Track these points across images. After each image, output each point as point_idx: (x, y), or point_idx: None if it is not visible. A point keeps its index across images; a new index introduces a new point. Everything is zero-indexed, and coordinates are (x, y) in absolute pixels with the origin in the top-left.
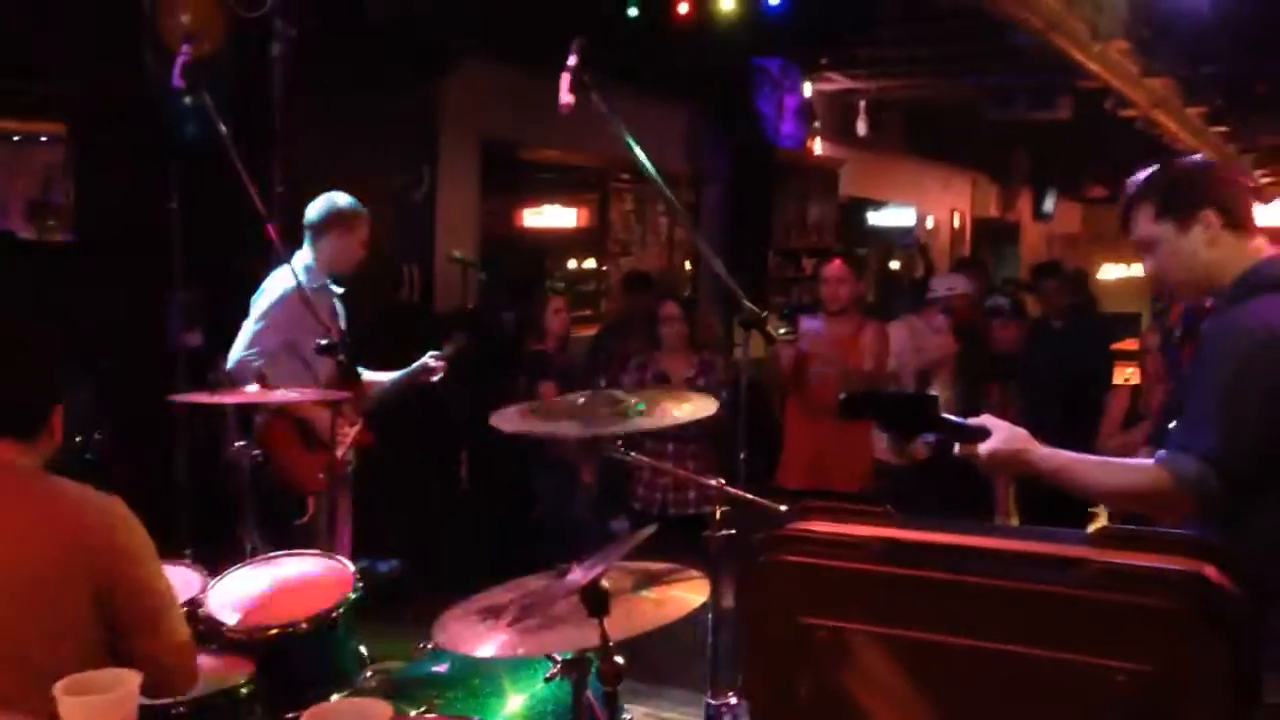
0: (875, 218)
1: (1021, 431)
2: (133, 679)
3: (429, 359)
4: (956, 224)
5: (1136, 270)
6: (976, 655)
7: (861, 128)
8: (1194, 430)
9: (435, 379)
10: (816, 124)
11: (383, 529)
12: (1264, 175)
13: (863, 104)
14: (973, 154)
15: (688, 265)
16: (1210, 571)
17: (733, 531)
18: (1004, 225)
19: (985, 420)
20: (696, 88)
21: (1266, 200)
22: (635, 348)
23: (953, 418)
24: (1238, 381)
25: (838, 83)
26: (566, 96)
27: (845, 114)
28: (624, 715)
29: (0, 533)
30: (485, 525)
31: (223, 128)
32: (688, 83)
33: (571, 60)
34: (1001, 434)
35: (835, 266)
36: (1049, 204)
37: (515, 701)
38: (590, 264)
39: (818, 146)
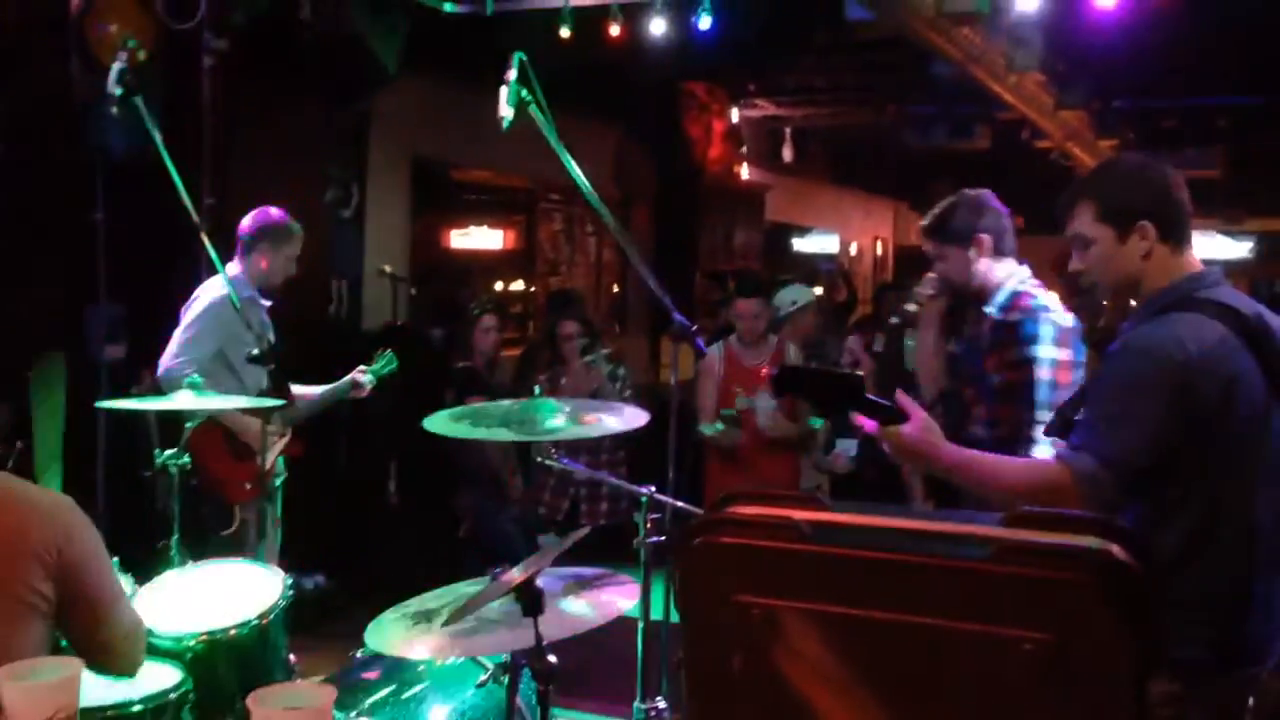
0: (800, 243)
1: (933, 423)
2: (76, 665)
3: (356, 374)
4: (879, 251)
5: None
6: (898, 628)
7: (787, 154)
8: (1096, 433)
9: (362, 394)
10: (743, 149)
11: (310, 544)
12: None
13: (788, 130)
14: (894, 182)
15: (615, 287)
16: (1114, 548)
17: (662, 538)
18: (926, 253)
19: (904, 403)
20: (626, 110)
21: None
22: (543, 367)
23: (875, 398)
24: (1145, 392)
25: (764, 109)
26: (504, 110)
27: (771, 140)
28: None
29: None
30: (413, 540)
31: (157, 135)
32: (617, 105)
33: (509, 74)
34: (917, 421)
35: (749, 304)
36: None
37: (445, 708)
38: (519, 284)
39: (744, 171)
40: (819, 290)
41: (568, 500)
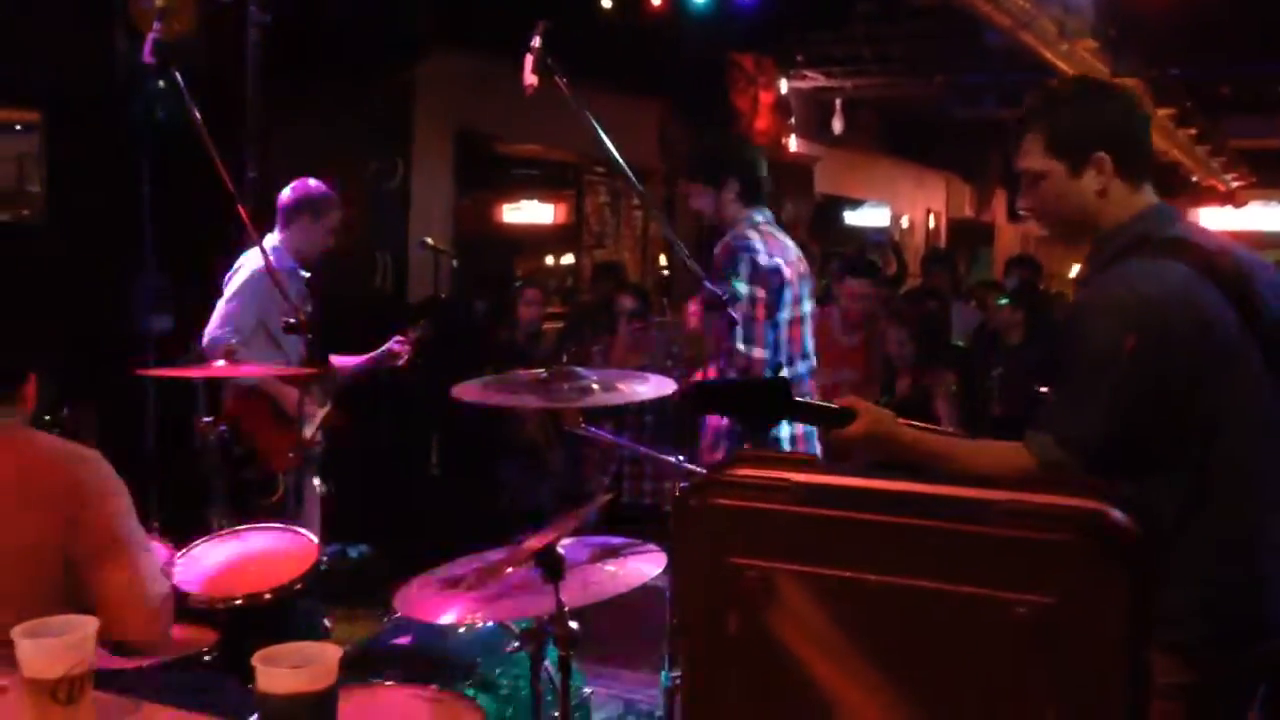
0: (850, 216)
1: (888, 413)
2: (90, 624)
3: (393, 344)
4: (932, 224)
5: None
6: (892, 591)
7: (837, 125)
8: (1058, 411)
9: (399, 363)
10: (791, 121)
11: (354, 514)
12: (1234, 179)
13: (838, 102)
14: (946, 154)
15: (662, 259)
16: (1111, 510)
17: None
18: (979, 225)
19: (850, 402)
20: (670, 82)
21: (1239, 204)
22: (600, 337)
23: (812, 400)
24: (1106, 359)
25: (813, 80)
26: (530, 78)
27: (820, 111)
28: (584, 690)
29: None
30: (455, 511)
31: (193, 108)
32: (661, 77)
33: (535, 42)
34: (870, 415)
35: (859, 284)
36: None
37: (476, 673)
38: (563, 257)
39: (793, 144)
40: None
41: (609, 475)
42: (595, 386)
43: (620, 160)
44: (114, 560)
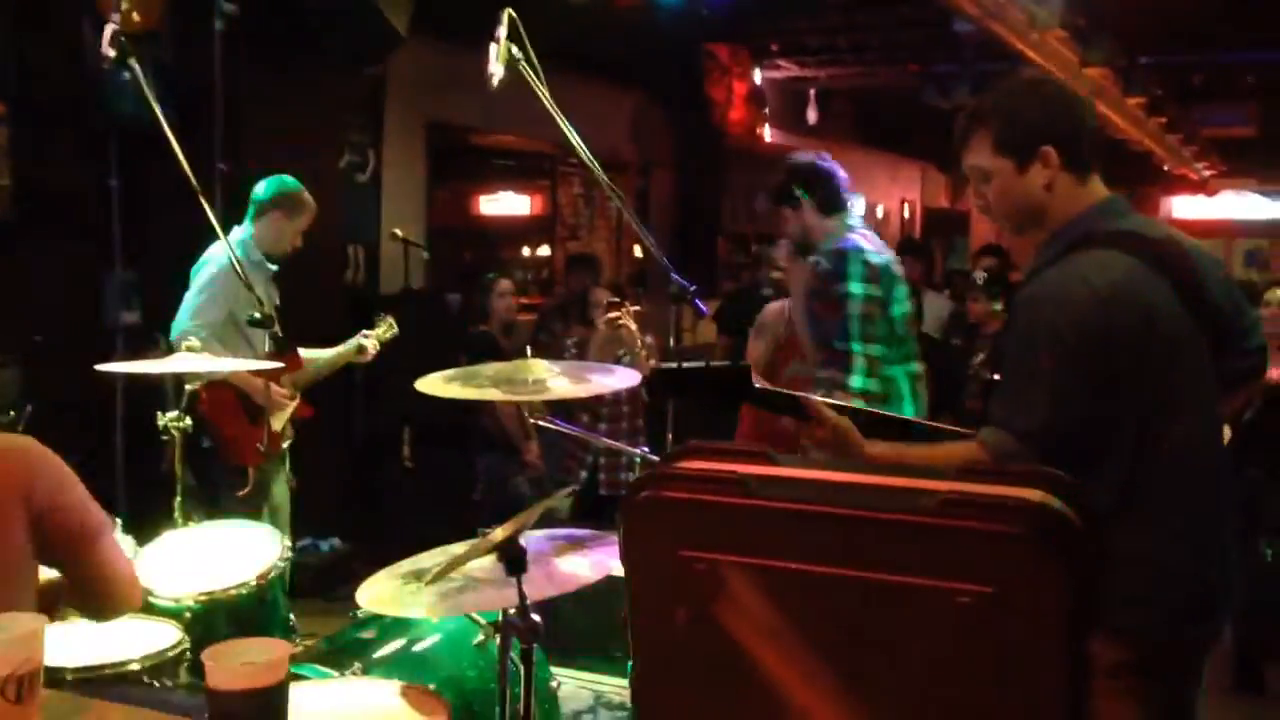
0: None
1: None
2: (37, 620)
3: (360, 339)
4: (907, 214)
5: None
6: (838, 582)
7: (811, 115)
8: (1007, 404)
9: (366, 358)
10: (766, 111)
11: (326, 507)
12: (1205, 167)
13: (812, 92)
14: (921, 144)
15: (636, 250)
16: (1052, 501)
17: None
18: (954, 215)
19: (810, 401)
20: (645, 73)
21: (1211, 193)
22: (574, 329)
23: (772, 387)
24: (1054, 350)
25: (787, 69)
26: (494, 67)
27: (795, 101)
28: (552, 682)
29: None
30: (429, 504)
31: (153, 100)
32: (636, 68)
33: (500, 31)
34: (832, 415)
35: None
36: None
37: (442, 666)
38: (538, 249)
39: (767, 134)
40: None
41: (585, 467)
42: (560, 379)
43: (584, 150)
44: (93, 541)
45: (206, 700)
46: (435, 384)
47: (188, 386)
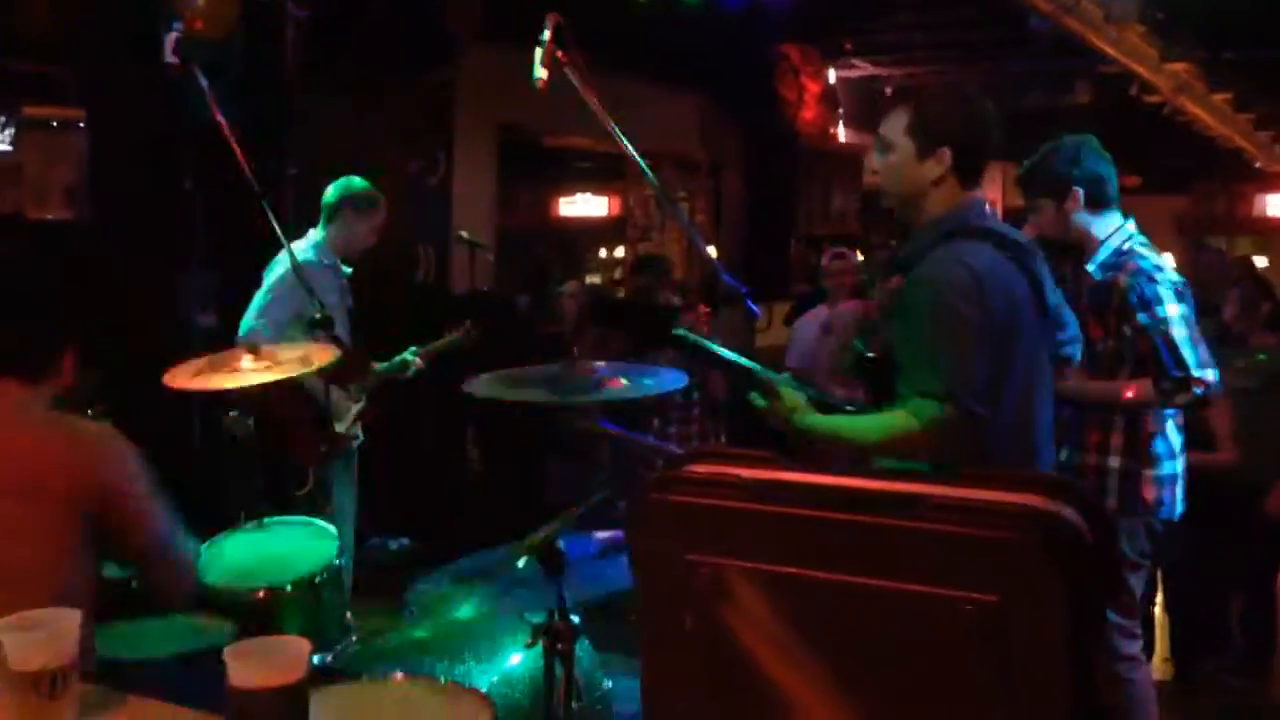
0: None
1: (799, 401)
2: (73, 616)
3: (408, 355)
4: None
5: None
6: (841, 588)
7: None
8: (924, 374)
9: (408, 374)
10: (840, 111)
11: (395, 507)
12: None
13: (887, 91)
14: (1002, 142)
15: (712, 250)
16: (1056, 506)
17: None
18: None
19: (770, 385)
20: (715, 74)
21: None
22: None
23: (705, 342)
24: (953, 321)
25: (861, 69)
26: (541, 72)
27: (869, 101)
28: (605, 683)
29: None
30: (498, 506)
31: (216, 105)
32: (704, 69)
33: (545, 35)
34: (787, 401)
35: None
36: None
37: (495, 666)
38: (609, 250)
39: (841, 133)
40: None
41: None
42: (609, 381)
43: (627, 145)
44: (150, 534)
45: (226, 698)
46: (482, 386)
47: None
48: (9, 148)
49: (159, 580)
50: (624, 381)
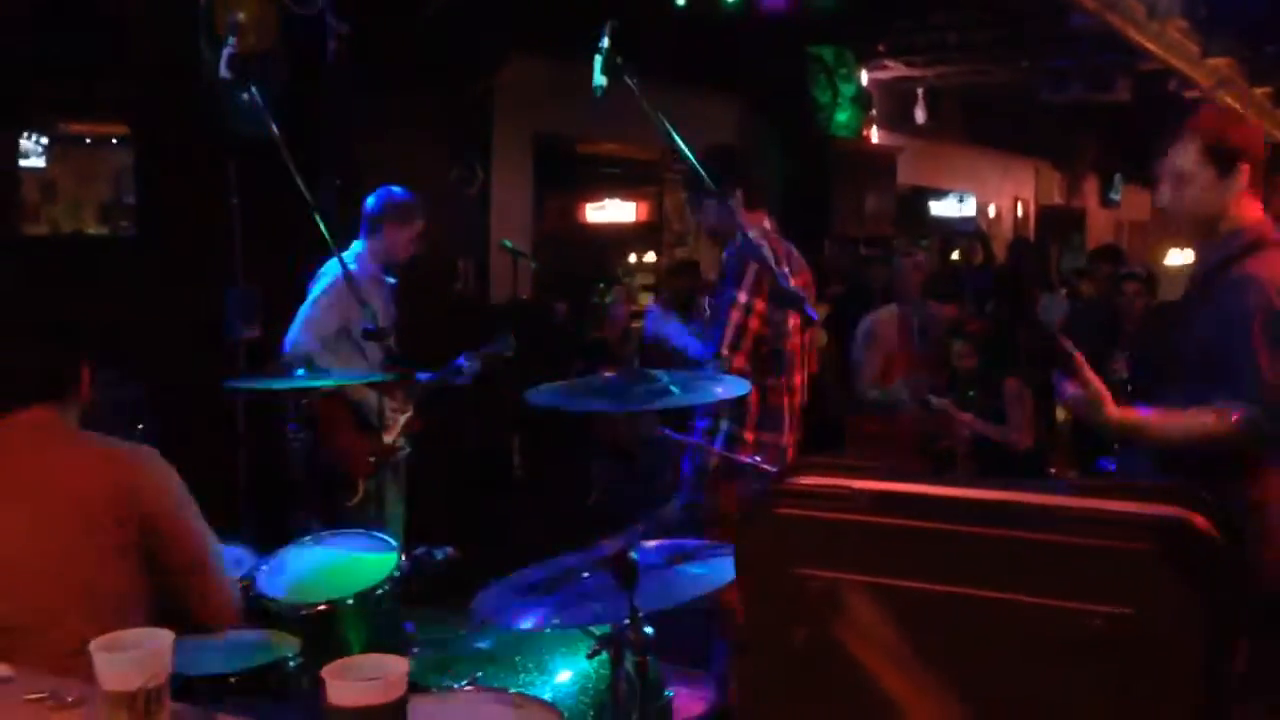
0: (936, 206)
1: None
2: (166, 636)
3: (461, 361)
4: (1020, 212)
5: None
6: (960, 602)
7: (920, 115)
8: (1239, 378)
9: (460, 380)
10: (873, 112)
11: (440, 516)
12: None
13: (920, 91)
14: (1034, 140)
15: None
16: (1192, 517)
17: None
18: (1069, 212)
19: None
20: (748, 77)
21: None
22: None
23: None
24: (1267, 332)
25: (894, 70)
26: (599, 79)
27: (902, 101)
28: (667, 693)
29: (49, 473)
30: (543, 513)
31: (270, 121)
32: (739, 72)
33: (604, 42)
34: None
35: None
36: (1116, 190)
37: (557, 677)
38: (645, 256)
39: (874, 135)
40: (955, 254)
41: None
42: (670, 388)
43: (695, 160)
44: (189, 558)
45: (324, 717)
46: (544, 395)
47: (308, 400)
48: (43, 164)
49: (199, 602)
50: (682, 389)
